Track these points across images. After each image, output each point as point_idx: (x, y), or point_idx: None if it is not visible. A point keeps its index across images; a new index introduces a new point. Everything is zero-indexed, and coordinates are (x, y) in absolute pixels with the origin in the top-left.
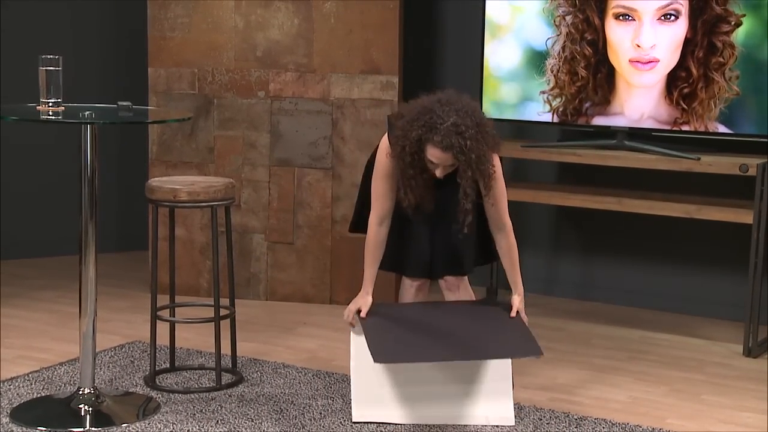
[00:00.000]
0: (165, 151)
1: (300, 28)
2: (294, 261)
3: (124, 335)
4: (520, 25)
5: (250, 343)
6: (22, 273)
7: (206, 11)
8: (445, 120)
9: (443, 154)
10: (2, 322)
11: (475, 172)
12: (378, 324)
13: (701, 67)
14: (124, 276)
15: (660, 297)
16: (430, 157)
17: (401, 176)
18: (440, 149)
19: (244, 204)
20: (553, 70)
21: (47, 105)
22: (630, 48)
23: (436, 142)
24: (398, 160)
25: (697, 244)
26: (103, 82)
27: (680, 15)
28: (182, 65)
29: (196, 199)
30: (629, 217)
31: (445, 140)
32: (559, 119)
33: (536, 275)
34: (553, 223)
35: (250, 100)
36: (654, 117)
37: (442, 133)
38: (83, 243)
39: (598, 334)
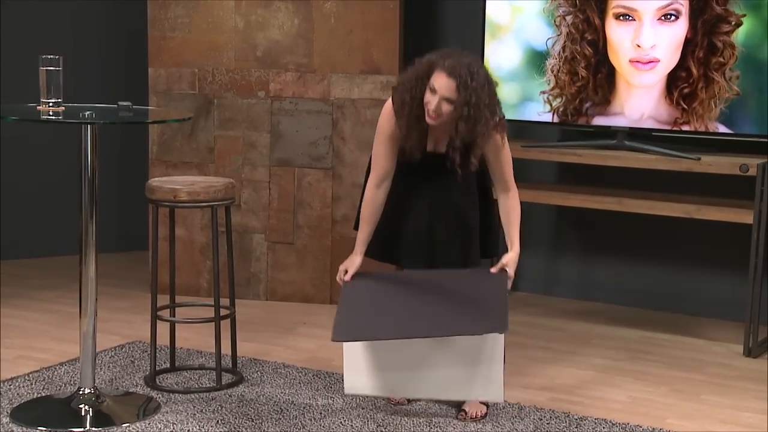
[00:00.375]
0: (165, 151)
1: (300, 28)
2: (294, 261)
3: (125, 335)
4: (520, 25)
5: (250, 343)
6: (23, 273)
7: (206, 11)
8: (462, 59)
9: (447, 80)
10: (2, 322)
11: (469, 121)
12: (354, 296)
13: (701, 67)
14: (124, 276)
15: (660, 297)
16: (433, 83)
17: (401, 112)
18: (446, 74)
19: (244, 204)
20: (553, 70)
21: (47, 105)
22: (630, 48)
23: (445, 66)
24: (400, 96)
25: (697, 244)
26: (104, 82)
27: (680, 15)
28: (182, 65)
29: (197, 199)
30: (629, 217)
31: (454, 68)
32: (560, 119)
33: (536, 275)
34: (553, 223)
35: (251, 100)
36: (654, 117)
37: (453, 62)
38: (83, 243)
39: (598, 334)
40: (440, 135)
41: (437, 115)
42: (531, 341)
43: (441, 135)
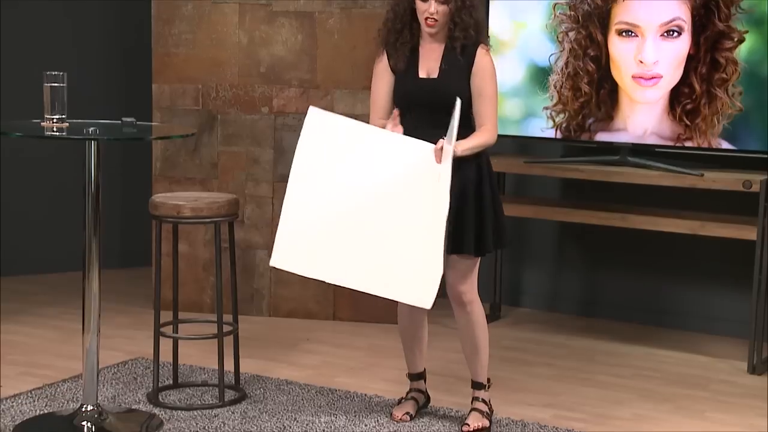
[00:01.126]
0: (169, 166)
1: (304, 44)
2: (297, 277)
3: (127, 352)
4: (523, 41)
5: (253, 360)
6: (25, 289)
7: (210, 27)
8: None
9: None
10: (5, 338)
11: (466, 10)
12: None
13: (704, 83)
14: (127, 292)
15: (664, 313)
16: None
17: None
18: None
19: (247, 219)
20: (556, 86)
21: (52, 121)
22: (633, 64)
23: None
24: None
25: (701, 260)
26: (108, 98)
27: (683, 31)
28: (186, 81)
29: (200, 215)
30: (633, 233)
31: None
32: (563, 135)
33: (540, 291)
34: (556, 239)
35: (254, 116)
36: (657, 133)
37: None
38: (87, 259)
39: (601, 351)
40: (430, 59)
41: (435, 19)
42: (534, 358)
43: (431, 58)
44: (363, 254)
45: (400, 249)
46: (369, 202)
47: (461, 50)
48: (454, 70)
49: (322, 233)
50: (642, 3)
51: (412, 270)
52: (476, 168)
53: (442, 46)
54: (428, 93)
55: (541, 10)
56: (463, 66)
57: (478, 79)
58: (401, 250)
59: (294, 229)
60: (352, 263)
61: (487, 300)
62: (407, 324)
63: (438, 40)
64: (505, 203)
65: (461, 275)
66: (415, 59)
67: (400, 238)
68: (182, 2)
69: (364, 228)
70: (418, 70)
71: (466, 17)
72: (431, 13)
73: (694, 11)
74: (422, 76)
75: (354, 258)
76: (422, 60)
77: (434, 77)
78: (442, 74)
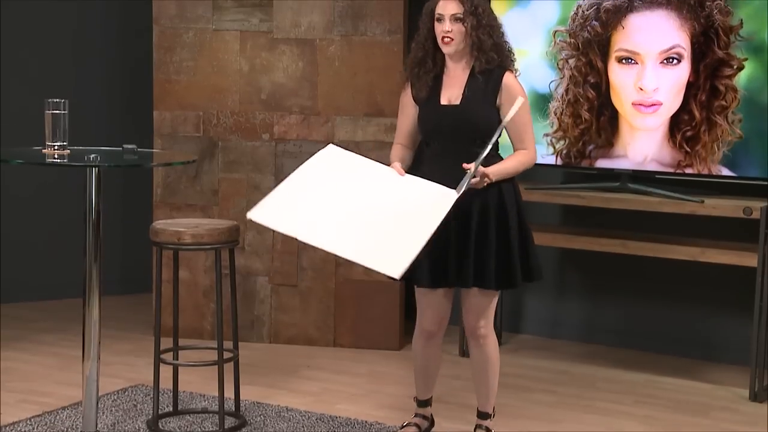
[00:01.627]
0: (169, 193)
1: (304, 71)
2: (298, 303)
3: (127, 379)
4: (523, 68)
5: (253, 387)
6: (25, 316)
7: (211, 55)
8: None
9: (448, 1)
10: (5, 365)
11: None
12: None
13: (704, 111)
14: (127, 319)
15: (665, 340)
16: (438, 13)
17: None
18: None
19: (248, 246)
20: (556, 112)
21: (53, 148)
22: (633, 91)
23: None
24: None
25: (702, 287)
26: (108, 125)
27: (683, 59)
28: (187, 108)
29: (200, 241)
30: (633, 260)
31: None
32: (563, 162)
33: (540, 317)
34: (557, 265)
35: (255, 143)
36: (657, 160)
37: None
38: (87, 286)
39: (602, 378)
40: (453, 87)
41: (451, 37)
42: (535, 384)
43: (454, 86)
44: (343, 224)
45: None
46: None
47: (485, 76)
48: (477, 96)
49: (309, 202)
50: (642, 31)
51: (389, 244)
52: (497, 193)
53: (466, 72)
54: (450, 120)
55: (542, 37)
56: (487, 92)
57: (508, 107)
58: (384, 229)
59: (283, 197)
60: (328, 228)
61: None
62: (420, 349)
63: (462, 67)
64: None
65: (479, 309)
66: (438, 87)
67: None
68: (183, 30)
69: (352, 206)
70: (440, 97)
71: (484, 37)
72: (446, 31)
73: (693, 39)
74: (444, 103)
75: (332, 225)
76: (445, 87)
77: (456, 104)
78: (465, 101)
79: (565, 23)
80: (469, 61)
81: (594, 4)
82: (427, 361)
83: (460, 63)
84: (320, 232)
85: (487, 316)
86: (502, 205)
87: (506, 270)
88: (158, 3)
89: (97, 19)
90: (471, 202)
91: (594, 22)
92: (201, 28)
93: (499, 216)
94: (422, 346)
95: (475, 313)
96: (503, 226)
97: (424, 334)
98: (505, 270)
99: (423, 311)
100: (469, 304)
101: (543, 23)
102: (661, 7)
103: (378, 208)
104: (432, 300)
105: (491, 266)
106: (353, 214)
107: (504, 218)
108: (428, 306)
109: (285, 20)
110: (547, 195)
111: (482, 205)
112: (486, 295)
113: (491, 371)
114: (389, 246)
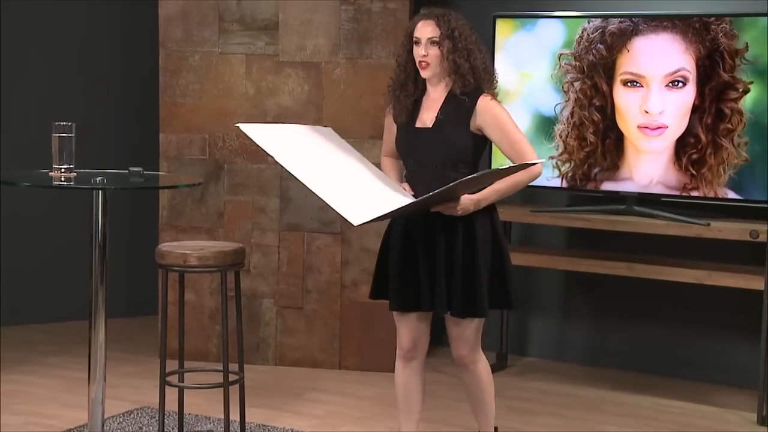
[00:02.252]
0: (175, 216)
1: (310, 94)
2: (303, 326)
3: (133, 401)
4: (528, 91)
5: (258, 409)
6: (31, 338)
7: (217, 78)
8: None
9: (425, 23)
10: (10, 388)
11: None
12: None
13: (710, 134)
14: (133, 341)
15: (671, 363)
16: (416, 36)
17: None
18: (423, 19)
19: (253, 268)
20: (561, 135)
21: (59, 171)
22: (638, 114)
23: (420, 15)
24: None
25: (708, 310)
26: (115, 147)
27: (688, 82)
28: (193, 131)
29: (206, 264)
30: (639, 283)
31: (429, 12)
32: (568, 184)
33: (546, 340)
34: (562, 288)
35: (260, 165)
36: (663, 182)
37: (426, 11)
38: (93, 308)
39: (609, 401)
40: (429, 110)
41: (427, 62)
42: (541, 407)
43: (431, 108)
44: (322, 169)
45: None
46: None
47: (461, 99)
48: (450, 119)
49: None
50: (647, 54)
51: (358, 199)
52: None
53: (443, 95)
54: (421, 143)
55: (547, 60)
56: (461, 115)
57: (490, 130)
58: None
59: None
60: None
61: (494, 349)
62: (399, 373)
63: (440, 90)
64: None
65: (459, 337)
66: (417, 110)
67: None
68: (190, 53)
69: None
70: (415, 120)
71: (460, 60)
72: (422, 55)
73: (699, 62)
74: (418, 126)
75: (312, 165)
76: (422, 110)
77: (429, 127)
78: (437, 124)
79: (570, 46)
80: (448, 83)
81: (599, 28)
82: (406, 387)
83: (439, 86)
84: (299, 164)
85: (470, 343)
86: (471, 232)
87: (473, 298)
88: (165, 26)
89: (103, 42)
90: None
91: (599, 45)
92: (207, 51)
93: (466, 242)
94: (401, 369)
95: (457, 340)
96: (470, 253)
97: (402, 355)
98: (472, 297)
99: (399, 331)
100: (450, 331)
101: (548, 46)
102: (666, 31)
103: (355, 173)
104: (405, 322)
105: (458, 294)
106: (333, 167)
107: (472, 245)
108: (402, 327)
109: (291, 43)
110: (552, 218)
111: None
112: (459, 324)
113: (486, 392)
114: (358, 200)
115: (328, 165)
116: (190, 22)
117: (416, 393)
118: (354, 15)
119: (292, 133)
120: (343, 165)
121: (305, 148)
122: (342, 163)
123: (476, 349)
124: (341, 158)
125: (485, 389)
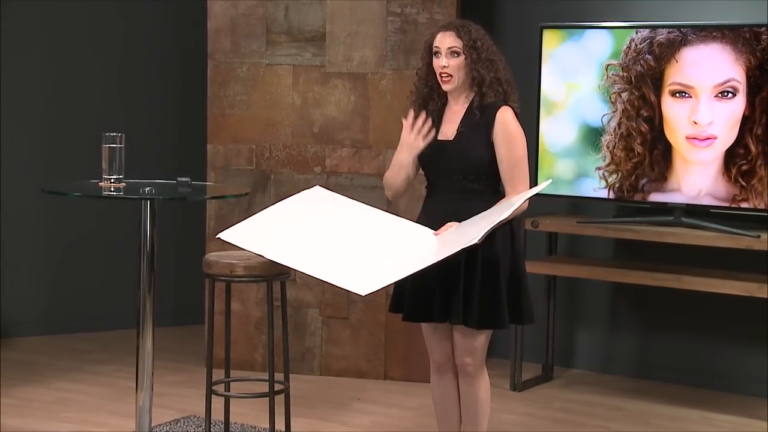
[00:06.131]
0: (222, 226)
1: (356, 104)
2: (348, 336)
3: (180, 410)
4: (575, 101)
5: (304, 419)
6: (80, 347)
7: (264, 89)
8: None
9: (445, 34)
10: (60, 396)
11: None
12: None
13: (760, 144)
14: (180, 350)
15: (720, 376)
16: (436, 46)
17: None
18: (442, 30)
19: (299, 279)
20: (609, 146)
21: (109, 181)
22: (687, 125)
23: (440, 27)
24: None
25: (759, 323)
26: (163, 158)
27: (738, 92)
28: (240, 141)
29: (253, 273)
30: (688, 295)
31: (449, 24)
32: (616, 195)
33: (593, 352)
34: (610, 300)
35: (307, 176)
36: (712, 194)
37: (445, 23)
38: (141, 317)
39: (656, 414)
40: (451, 122)
41: (449, 73)
42: (588, 420)
43: (452, 121)
44: (316, 249)
45: (360, 255)
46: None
47: (483, 111)
48: (470, 132)
49: (284, 229)
50: (696, 64)
51: (363, 268)
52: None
53: (464, 107)
54: (442, 156)
55: (594, 71)
56: (481, 127)
57: (498, 143)
58: (360, 256)
59: (259, 223)
60: (299, 251)
61: (539, 361)
62: (434, 385)
63: (461, 102)
64: (558, 264)
65: (470, 349)
66: (438, 122)
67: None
68: (237, 64)
69: (329, 236)
70: (438, 133)
71: (483, 71)
72: (443, 67)
73: (749, 72)
74: (440, 138)
75: (304, 248)
76: (444, 122)
77: (450, 140)
78: (458, 136)
79: (618, 57)
80: (468, 95)
81: (647, 38)
82: (442, 398)
83: (460, 98)
84: (289, 252)
85: (475, 354)
86: (492, 245)
87: (493, 309)
88: (213, 38)
89: (152, 54)
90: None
91: (647, 56)
92: (255, 62)
93: (486, 255)
94: (436, 382)
95: (463, 350)
96: (491, 266)
97: (436, 369)
98: (491, 309)
99: (429, 345)
100: (456, 341)
101: (596, 57)
102: (715, 41)
103: (355, 235)
104: (433, 335)
105: (476, 305)
106: (328, 238)
107: (493, 258)
108: (431, 340)
109: (337, 55)
110: (599, 229)
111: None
112: (469, 334)
113: (480, 412)
114: (362, 269)
115: (323, 237)
116: (238, 33)
117: (453, 405)
118: (401, 26)
119: (276, 217)
120: (339, 231)
121: (294, 228)
122: (338, 228)
123: (481, 361)
124: (336, 223)
125: (480, 408)
